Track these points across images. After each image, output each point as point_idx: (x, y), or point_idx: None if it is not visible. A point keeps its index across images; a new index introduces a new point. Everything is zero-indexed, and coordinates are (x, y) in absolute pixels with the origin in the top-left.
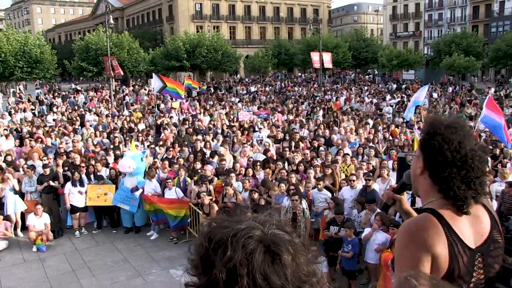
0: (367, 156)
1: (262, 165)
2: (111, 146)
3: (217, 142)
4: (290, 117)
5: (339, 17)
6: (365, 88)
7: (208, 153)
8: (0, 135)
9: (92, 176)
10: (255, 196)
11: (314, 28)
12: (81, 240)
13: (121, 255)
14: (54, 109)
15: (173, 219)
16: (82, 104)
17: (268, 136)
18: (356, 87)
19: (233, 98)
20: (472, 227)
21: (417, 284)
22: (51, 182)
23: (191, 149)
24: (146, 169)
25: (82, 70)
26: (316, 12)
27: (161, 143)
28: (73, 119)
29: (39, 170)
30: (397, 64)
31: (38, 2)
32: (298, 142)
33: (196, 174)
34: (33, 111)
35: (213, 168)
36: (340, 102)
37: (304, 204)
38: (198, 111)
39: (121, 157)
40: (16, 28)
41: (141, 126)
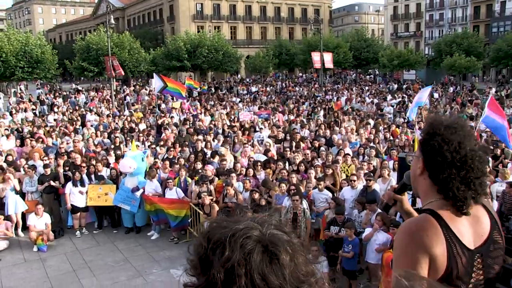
0: (368, 156)
1: (263, 165)
2: (112, 146)
3: (218, 142)
4: (291, 117)
5: (340, 17)
6: (366, 88)
7: (209, 153)
8: (1, 135)
9: (93, 176)
10: (256, 196)
11: (315, 28)
12: (82, 240)
13: (122, 255)
14: (55, 109)
15: (174, 219)
16: (83, 104)
17: (269, 136)
18: (357, 87)
19: (234, 98)
20: (472, 228)
21: (408, 284)
22: (52, 182)
23: (192, 149)
24: (147, 169)
25: (83, 70)
26: (317, 12)
27: (162, 143)
28: (74, 119)
29: (40, 170)
30: (398, 64)
31: (39, 2)
32: (299, 142)
33: (197, 174)
34: (34, 111)
35: (214, 168)
36: (341, 102)
37: (305, 204)
38: (199, 111)
39: (122, 157)
40: (17, 28)
41: (142, 126)
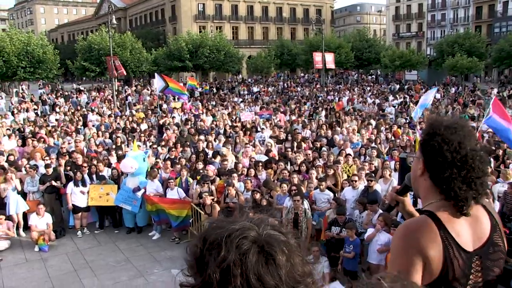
0: (369, 157)
1: (264, 166)
2: (113, 146)
3: (219, 143)
4: (293, 118)
5: (342, 18)
6: (368, 89)
7: (210, 154)
8: (3, 135)
9: (94, 176)
10: (257, 197)
11: (317, 29)
12: (83, 240)
13: (123, 255)
14: (57, 109)
15: (175, 219)
16: (85, 104)
17: (271, 137)
18: (359, 88)
19: (236, 99)
20: (471, 229)
21: (388, 286)
22: (53, 182)
23: (193, 150)
24: (148, 170)
25: (85, 70)
26: (319, 13)
27: (164, 143)
28: (74, 120)
29: (42, 170)
30: (400, 65)
31: (41, 2)
32: (300, 143)
33: (198, 175)
34: (36, 111)
35: (215, 169)
36: (343, 103)
37: (306, 205)
38: (201, 111)
39: (124, 157)
40: (19, 28)
41: (144, 126)
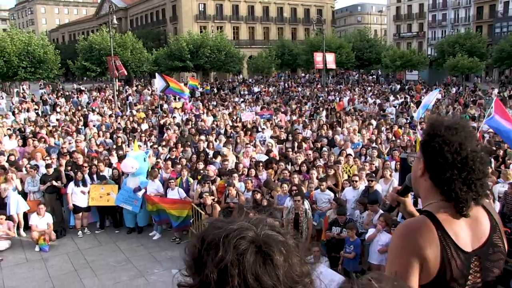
0: (370, 157)
1: (265, 166)
2: (114, 146)
3: (219, 143)
4: (293, 118)
5: (343, 18)
6: (369, 89)
7: (211, 154)
8: (4, 135)
9: (95, 176)
10: (258, 197)
11: (318, 29)
12: (84, 240)
13: (124, 255)
14: (58, 109)
15: (176, 219)
16: (86, 104)
17: (271, 137)
18: (360, 88)
19: (236, 99)
20: (470, 230)
21: (378, 287)
22: (54, 182)
23: (194, 150)
24: (149, 170)
25: (86, 70)
26: (320, 13)
27: (164, 143)
28: (74, 120)
29: (42, 170)
30: (401, 65)
31: (42, 2)
32: (301, 143)
33: (199, 175)
34: (37, 111)
35: (216, 169)
36: (344, 103)
37: (307, 205)
38: (201, 111)
39: (124, 157)
40: (20, 28)
41: (144, 126)
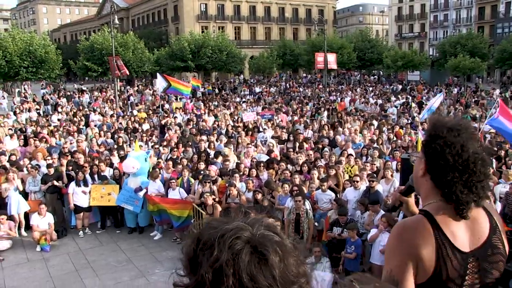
0: (371, 157)
1: (266, 166)
2: (115, 146)
3: (220, 143)
4: (295, 118)
5: (344, 18)
6: (370, 89)
7: (212, 154)
8: (5, 135)
9: (96, 176)
10: (259, 197)
11: (319, 29)
12: (85, 240)
13: (125, 255)
14: (59, 109)
15: (177, 220)
16: (87, 104)
17: (272, 137)
18: (361, 88)
19: (238, 99)
20: (469, 231)
21: None
22: (55, 182)
23: (195, 150)
24: (150, 170)
25: (87, 70)
26: (321, 13)
27: (165, 144)
28: (75, 120)
29: (43, 170)
30: (402, 65)
31: (44, 2)
32: (302, 143)
33: (200, 175)
34: (38, 111)
35: (217, 169)
36: (345, 103)
37: (308, 205)
38: (203, 112)
39: (126, 158)
40: (22, 28)
41: (146, 126)
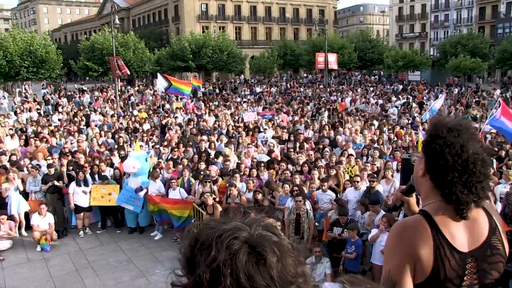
0: (372, 157)
1: (266, 166)
2: (116, 146)
3: (221, 143)
4: (295, 118)
5: (345, 18)
6: (371, 89)
7: (213, 154)
8: (6, 135)
9: (97, 176)
10: (259, 197)
11: (320, 29)
12: (85, 240)
13: (125, 255)
14: (60, 109)
15: (177, 220)
16: (88, 104)
17: (273, 137)
18: (362, 88)
19: (239, 99)
20: (467, 231)
21: None
22: (56, 182)
23: (196, 150)
24: (151, 170)
25: (88, 70)
26: (322, 13)
27: (166, 144)
28: (75, 120)
29: (44, 170)
30: (403, 65)
31: (45, 2)
32: (303, 143)
33: (201, 175)
34: (39, 111)
35: (218, 169)
36: (346, 103)
37: (308, 205)
38: (203, 112)
39: (126, 157)
40: (22, 28)
41: (146, 126)
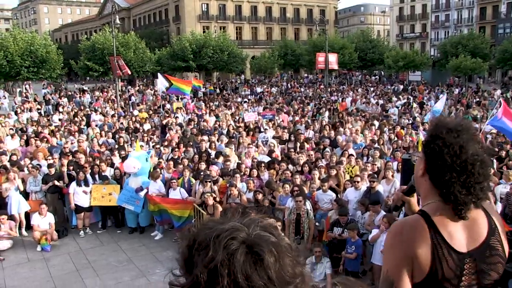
0: (372, 158)
1: (267, 166)
2: (116, 146)
3: (221, 143)
4: (296, 118)
5: (346, 18)
6: (371, 89)
7: (213, 154)
8: (6, 135)
9: (97, 176)
10: (259, 197)
11: (321, 29)
12: (86, 240)
13: (125, 255)
14: (60, 109)
15: (178, 220)
16: (88, 104)
17: (274, 137)
18: (362, 88)
19: (239, 99)
20: (466, 231)
21: None
22: (56, 182)
23: (196, 150)
24: (151, 170)
25: (88, 70)
26: (323, 13)
27: (166, 144)
28: (75, 121)
29: (44, 170)
30: (404, 66)
31: (45, 2)
32: (303, 143)
33: (201, 175)
34: (39, 111)
35: (219, 169)
36: (346, 103)
37: (308, 205)
38: (204, 112)
39: (127, 158)
40: (23, 28)
41: (147, 126)
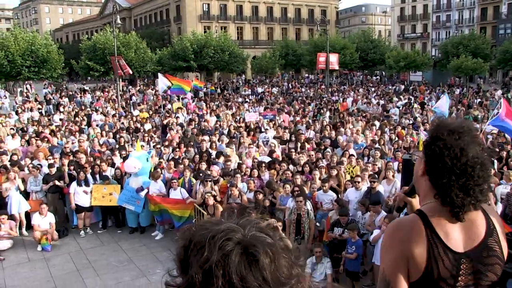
0: (373, 158)
1: (268, 166)
2: (117, 146)
3: (222, 143)
4: (297, 118)
5: (347, 18)
6: (372, 90)
7: (214, 154)
8: (7, 134)
9: (98, 176)
10: (260, 197)
11: (322, 29)
12: (86, 240)
13: (126, 255)
14: (61, 109)
15: (178, 220)
16: (89, 104)
17: (274, 137)
18: (363, 89)
19: (240, 99)
20: (463, 231)
21: None
22: (57, 182)
23: (197, 150)
24: (152, 170)
25: (89, 70)
26: (324, 13)
27: (167, 144)
28: (76, 121)
29: (45, 170)
30: (405, 66)
31: (46, 2)
32: (304, 143)
33: (202, 175)
34: (40, 111)
35: (219, 169)
36: (347, 104)
37: (309, 206)
38: (205, 112)
39: (127, 157)
40: (24, 28)
41: (148, 126)
